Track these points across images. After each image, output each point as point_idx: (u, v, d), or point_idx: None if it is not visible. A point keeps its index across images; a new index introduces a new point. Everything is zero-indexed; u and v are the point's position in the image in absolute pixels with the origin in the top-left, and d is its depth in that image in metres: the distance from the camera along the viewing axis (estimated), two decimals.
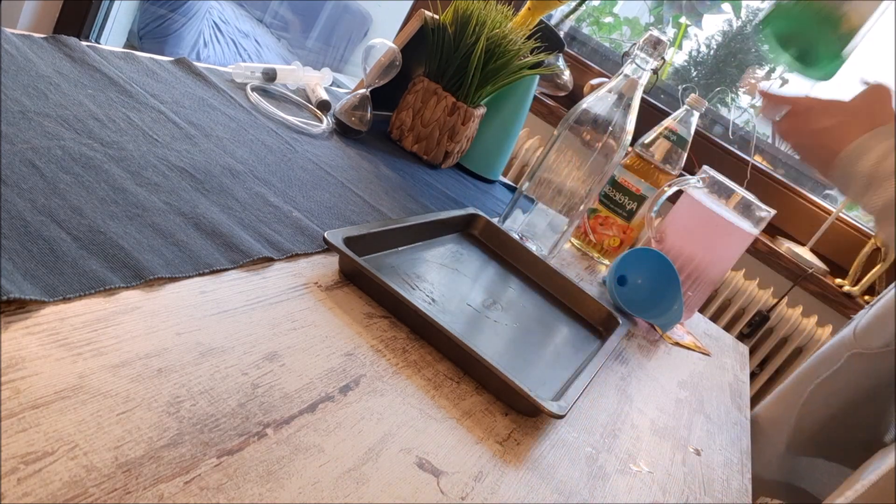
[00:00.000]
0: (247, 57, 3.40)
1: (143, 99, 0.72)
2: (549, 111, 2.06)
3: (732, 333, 1.83)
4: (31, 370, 0.35)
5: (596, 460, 0.57)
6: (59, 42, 0.73)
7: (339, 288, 0.60)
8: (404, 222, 0.74)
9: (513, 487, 0.48)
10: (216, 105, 0.82)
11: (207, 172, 0.65)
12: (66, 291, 0.41)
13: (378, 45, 0.99)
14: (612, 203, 1.14)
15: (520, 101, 1.19)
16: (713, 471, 0.68)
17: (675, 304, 0.94)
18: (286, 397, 0.44)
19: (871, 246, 1.81)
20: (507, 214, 0.98)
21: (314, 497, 0.38)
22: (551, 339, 0.74)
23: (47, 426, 0.33)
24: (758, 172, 1.95)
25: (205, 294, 0.49)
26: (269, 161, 0.76)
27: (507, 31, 1.03)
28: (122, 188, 0.55)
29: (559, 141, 0.93)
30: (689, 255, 1.03)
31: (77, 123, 0.60)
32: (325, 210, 0.72)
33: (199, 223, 0.56)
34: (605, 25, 2.51)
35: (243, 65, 0.95)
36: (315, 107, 1.01)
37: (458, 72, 1.03)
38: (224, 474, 0.36)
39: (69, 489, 0.30)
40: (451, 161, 1.11)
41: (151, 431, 0.36)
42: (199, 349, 0.43)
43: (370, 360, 0.52)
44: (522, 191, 0.96)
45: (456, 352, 0.58)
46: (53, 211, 0.47)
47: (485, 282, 0.79)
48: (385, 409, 0.48)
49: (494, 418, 0.54)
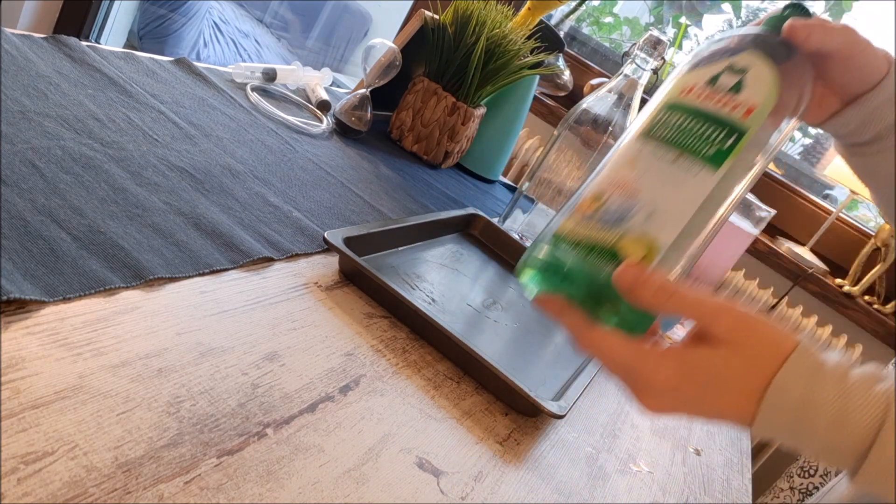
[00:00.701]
0: (247, 57, 3.40)
1: (143, 99, 0.72)
2: (549, 111, 2.06)
3: None
4: (31, 370, 0.35)
5: (596, 460, 0.57)
6: (59, 42, 0.73)
7: (339, 288, 0.60)
8: (404, 222, 0.74)
9: (513, 487, 0.48)
10: (216, 105, 0.82)
11: (207, 172, 0.65)
12: (66, 291, 0.41)
13: (378, 45, 0.99)
14: None
15: (520, 101, 1.19)
16: (713, 471, 0.68)
17: None
18: (286, 397, 0.44)
19: (871, 246, 1.81)
20: (507, 214, 0.98)
21: (314, 497, 0.38)
22: (551, 339, 0.74)
23: (47, 426, 0.33)
24: None
25: (205, 294, 0.49)
26: (269, 161, 0.76)
27: (507, 31, 1.03)
28: (122, 188, 0.55)
29: (559, 141, 0.93)
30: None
31: (77, 123, 0.60)
32: (325, 210, 0.72)
33: (199, 223, 0.56)
34: (605, 25, 2.51)
35: (243, 65, 0.95)
36: (315, 107, 1.01)
37: (458, 72, 1.03)
38: (224, 474, 0.36)
39: (69, 489, 0.30)
40: (451, 161, 1.11)
41: (151, 431, 0.36)
42: (199, 349, 0.43)
43: (370, 360, 0.52)
44: (522, 191, 0.96)
45: (456, 352, 0.58)
46: (53, 211, 0.47)
47: (485, 282, 0.79)
48: (385, 409, 0.48)
49: (494, 418, 0.54)
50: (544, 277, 0.45)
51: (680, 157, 0.43)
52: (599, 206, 0.44)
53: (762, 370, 0.40)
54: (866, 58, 0.50)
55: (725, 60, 0.46)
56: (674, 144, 0.44)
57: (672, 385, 0.41)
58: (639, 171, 0.44)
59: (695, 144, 0.44)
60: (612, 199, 0.44)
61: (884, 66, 0.51)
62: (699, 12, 2.23)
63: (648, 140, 0.45)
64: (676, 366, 0.41)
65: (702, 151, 0.43)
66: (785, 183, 1.97)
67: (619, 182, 0.44)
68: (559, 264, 0.44)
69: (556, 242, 0.45)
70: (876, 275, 1.78)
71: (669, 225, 0.43)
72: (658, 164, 0.44)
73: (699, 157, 0.43)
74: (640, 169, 0.44)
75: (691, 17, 2.25)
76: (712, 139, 0.43)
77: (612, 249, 0.42)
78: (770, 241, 1.87)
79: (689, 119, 0.44)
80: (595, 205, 0.44)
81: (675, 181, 0.43)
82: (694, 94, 0.45)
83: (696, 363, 0.41)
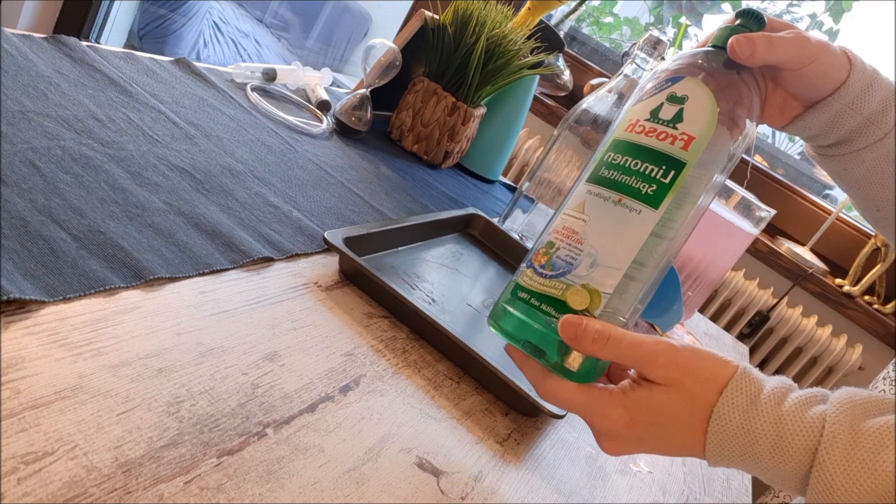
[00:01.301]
0: (247, 57, 3.40)
1: (143, 99, 0.72)
2: (549, 111, 2.06)
3: (732, 333, 1.83)
4: (31, 370, 0.35)
5: (596, 460, 0.57)
6: (59, 42, 0.73)
7: (339, 288, 0.60)
8: (404, 222, 0.74)
9: (513, 487, 0.48)
10: (216, 105, 0.82)
11: (207, 172, 0.65)
12: (66, 291, 0.41)
13: (378, 45, 0.99)
14: None
15: (520, 101, 1.19)
16: (713, 471, 0.68)
17: (675, 304, 0.94)
18: (286, 397, 0.44)
19: (871, 246, 1.81)
20: (507, 214, 0.98)
21: (314, 497, 0.38)
22: None
23: (47, 426, 0.33)
24: (758, 172, 1.95)
25: (205, 294, 0.49)
26: (269, 161, 0.76)
27: (507, 31, 1.03)
28: (122, 188, 0.55)
29: (559, 141, 0.93)
30: (689, 255, 1.03)
31: (77, 123, 0.60)
32: (325, 210, 0.72)
33: (199, 223, 0.56)
34: (605, 25, 2.51)
35: (243, 65, 0.95)
36: (315, 107, 1.01)
37: (458, 72, 1.03)
38: (224, 474, 0.36)
39: (69, 489, 0.30)
40: (451, 161, 1.11)
41: (151, 431, 0.36)
42: (199, 349, 0.43)
43: (370, 360, 0.52)
44: (522, 191, 0.96)
45: (456, 352, 0.58)
46: (53, 211, 0.47)
47: (485, 282, 0.79)
48: (385, 409, 0.48)
49: (494, 418, 0.54)
50: (505, 328, 0.47)
51: (622, 199, 0.44)
52: (550, 257, 0.45)
53: (702, 404, 0.41)
54: (819, 67, 0.50)
55: (667, 90, 0.46)
56: (615, 187, 0.45)
57: (622, 425, 0.43)
58: (585, 217, 0.45)
59: (635, 184, 0.44)
60: (560, 248, 0.45)
61: (843, 70, 0.50)
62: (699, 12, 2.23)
63: (594, 185, 0.46)
64: (622, 408, 0.43)
65: (642, 191, 0.44)
66: (785, 183, 1.97)
67: (568, 230, 0.46)
68: (517, 316, 0.46)
69: (515, 294, 0.46)
70: (876, 275, 1.78)
71: (611, 271, 0.44)
72: (602, 207, 0.45)
73: (639, 198, 0.44)
74: (586, 214, 0.45)
75: (691, 17, 2.25)
76: (651, 177, 0.44)
77: (560, 300, 0.44)
78: (770, 241, 1.87)
79: (630, 157, 0.45)
80: (546, 257, 0.46)
81: (617, 224, 0.44)
82: (636, 128, 0.46)
83: (639, 404, 0.42)
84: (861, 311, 1.78)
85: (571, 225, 0.45)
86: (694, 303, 1.06)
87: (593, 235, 0.44)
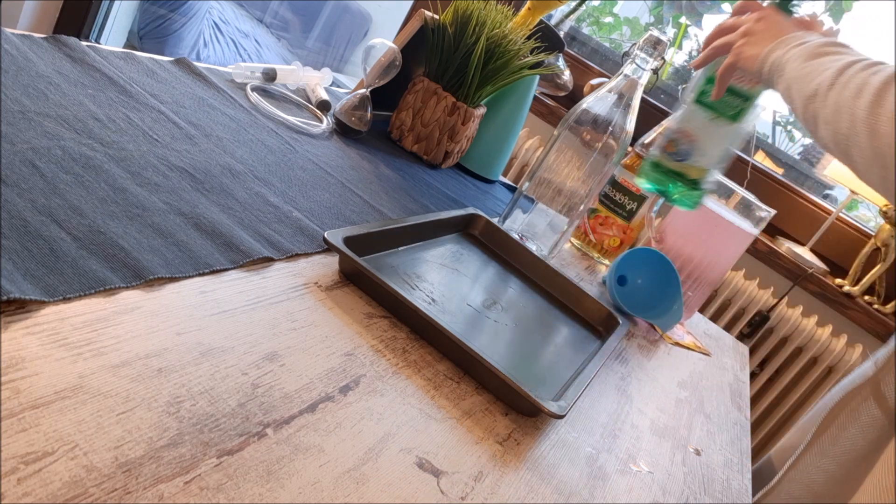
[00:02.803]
0: (247, 57, 3.40)
1: (143, 99, 0.72)
2: (549, 111, 2.06)
3: (732, 333, 1.83)
4: (31, 370, 0.35)
5: (596, 460, 0.57)
6: (59, 42, 0.73)
7: (339, 288, 0.60)
8: (404, 222, 0.74)
9: (513, 487, 0.48)
10: (216, 105, 0.82)
11: (207, 172, 0.65)
12: (66, 291, 0.41)
13: (378, 45, 0.99)
14: (612, 203, 1.14)
15: (520, 101, 1.19)
16: (713, 471, 0.68)
17: (675, 304, 0.94)
18: (286, 397, 0.44)
19: (871, 246, 1.81)
20: (507, 214, 0.98)
21: (314, 497, 0.38)
22: (551, 339, 0.74)
23: (47, 426, 0.33)
24: (758, 172, 1.95)
25: (205, 294, 0.49)
26: (269, 161, 0.76)
27: (507, 31, 1.03)
28: (122, 188, 0.55)
29: (559, 141, 0.93)
30: (689, 255, 1.03)
31: (77, 123, 0.60)
32: (325, 210, 0.72)
33: (199, 223, 0.56)
34: (605, 25, 2.51)
35: (243, 65, 0.95)
36: (315, 107, 1.01)
37: (458, 72, 1.03)
38: (224, 474, 0.36)
39: (69, 489, 0.30)
40: (451, 161, 1.11)
41: (151, 431, 0.36)
42: (199, 349, 0.43)
43: (370, 360, 0.52)
44: (522, 191, 0.96)
45: (456, 352, 0.58)
46: (53, 211, 0.47)
47: (485, 282, 0.79)
48: (385, 409, 0.48)
49: (494, 418, 0.54)
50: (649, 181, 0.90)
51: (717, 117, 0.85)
52: (675, 148, 0.87)
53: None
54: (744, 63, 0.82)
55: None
56: (711, 109, 0.86)
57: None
58: (694, 126, 0.86)
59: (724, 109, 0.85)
60: (681, 143, 0.86)
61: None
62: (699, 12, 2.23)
63: (698, 105, 0.86)
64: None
65: (728, 113, 0.85)
66: (785, 183, 1.97)
67: (685, 132, 0.87)
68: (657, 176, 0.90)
69: (654, 165, 0.89)
70: (876, 275, 1.78)
71: (713, 160, 0.87)
72: (704, 121, 0.86)
73: (727, 117, 0.85)
74: (694, 124, 0.86)
75: (691, 17, 2.25)
76: (734, 105, 0.84)
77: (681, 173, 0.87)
78: (770, 241, 1.87)
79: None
80: (672, 147, 0.87)
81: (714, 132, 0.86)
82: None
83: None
84: (861, 311, 1.78)
85: (686, 129, 0.86)
86: (694, 303, 1.06)
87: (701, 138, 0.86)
